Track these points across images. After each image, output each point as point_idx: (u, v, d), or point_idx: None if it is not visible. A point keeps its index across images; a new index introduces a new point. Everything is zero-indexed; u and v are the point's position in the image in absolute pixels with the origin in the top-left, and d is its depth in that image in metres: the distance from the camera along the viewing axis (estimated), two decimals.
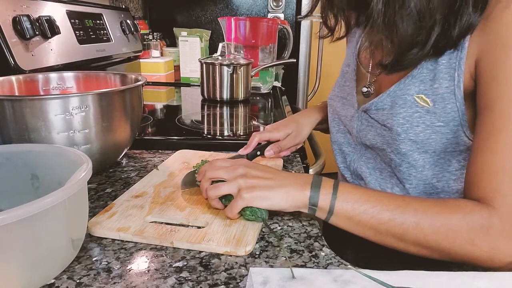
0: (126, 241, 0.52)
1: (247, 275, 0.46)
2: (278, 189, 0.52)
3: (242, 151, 0.72)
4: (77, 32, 1.18)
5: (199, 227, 0.54)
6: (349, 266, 0.48)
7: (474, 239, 0.46)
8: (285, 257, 0.48)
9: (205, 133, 1.01)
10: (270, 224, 0.56)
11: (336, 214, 0.51)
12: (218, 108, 1.29)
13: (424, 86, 0.56)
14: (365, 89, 0.66)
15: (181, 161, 0.77)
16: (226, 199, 0.57)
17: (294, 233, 0.55)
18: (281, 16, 1.95)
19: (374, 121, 0.62)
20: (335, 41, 0.73)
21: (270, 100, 1.46)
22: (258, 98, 1.47)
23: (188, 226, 0.55)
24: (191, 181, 0.65)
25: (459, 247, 0.47)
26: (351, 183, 0.62)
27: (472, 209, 0.47)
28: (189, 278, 0.45)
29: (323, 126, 0.82)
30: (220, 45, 1.37)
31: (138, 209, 0.57)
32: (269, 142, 0.75)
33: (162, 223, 0.55)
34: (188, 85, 1.66)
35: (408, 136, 0.57)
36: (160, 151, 0.88)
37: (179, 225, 0.55)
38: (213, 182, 0.57)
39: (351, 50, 0.72)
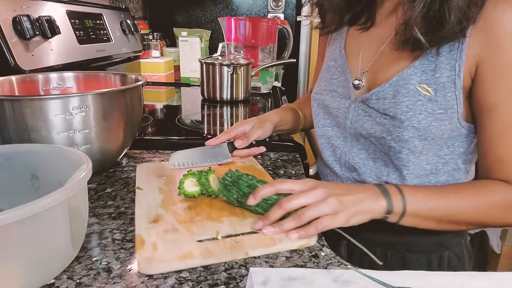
0: (126, 241, 0.52)
1: (247, 275, 0.46)
2: (361, 203, 0.54)
3: (211, 142, 0.73)
4: (77, 32, 1.18)
5: (251, 233, 0.53)
6: (349, 266, 0.48)
7: (510, 213, 0.57)
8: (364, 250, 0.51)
9: (205, 133, 1.01)
10: None
11: (407, 216, 0.56)
12: (218, 108, 1.29)
13: (425, 76, 0.58)
14: (356, 82, 0.68)
15: (152, 174, 0.72)
16: (262, 208, 0.56)
17: None
18: (281, 16, 1.95)
19: (373, 111, 0.64)
20: (325, 35, 0.78)
21: (270, 100, 1.46)
22: (258, 98, 1.47)
23: (237, 235, 0.53)
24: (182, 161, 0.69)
25: (501, 221, 0.58)
26: (406, 184, 0.64)
27: (506, 189, 0.57)
28: (189, 278, 0.45)
29: (281, 128, 0.84)
30: (220, 45, 1.37)
31: (174, 232, 0.52)
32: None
33: (214, 238, 0.52)
34: (188, 85, 1.66)
35: (412, 124, 0.59)
36: (160, 151, 0.88)
37: (229, 236, 0.53)
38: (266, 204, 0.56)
39: (337, 46, 0.74)
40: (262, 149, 0.75)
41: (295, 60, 1.56)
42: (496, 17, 0.53)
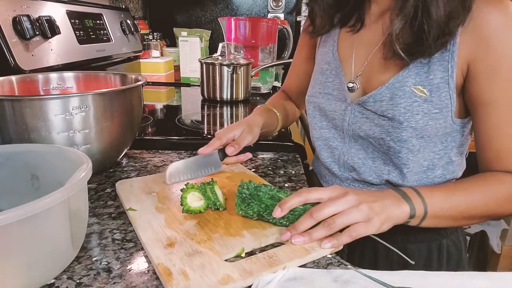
0: (126, 241, 0.52)
1: None
2: (388, 209, 0.53)
3: (203, 150, 0.69)
4: (77, 32, 1.18)
5: (278, 244, 0.52)
6: (349, 266, 0.48)
7: None
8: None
9: (205, 133, 1.01)
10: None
11: (428, 218, 0.56)
12: (218, 108, 1.29)
13: (420, 78, 0.60)
14: (351, 85, 0.69)
15: (140, 192, 0.65)
16: (288, 219, 0.54)
17: None
18: (281, 16, 1.95)
19: (371, 113, 0.65)
20: (315, 36, 0.77)
21: None
22: (258, 98, 1.47)
23: (265, 249, 0.51)
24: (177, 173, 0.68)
25: (509, 211, 0.61)
26: (424, 186, 0.64)
27: (510, 180, 0.59)
28: None
29: (264, 131, 0.80)
30: (220, 45, 1.37)
31: (199, 255, 0.48)
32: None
33: (240, 256, 0.49)
34: (188, 85, 1.66)
35: (410, 124, 0.61)
36: (160, 151, 0.88)
37: (255, 250, 0.51)
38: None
39: (329, 49, 0.74)
40: (249, 155, 0.73)
41: None
42: (484, 18, 0.55)
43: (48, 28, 1.00)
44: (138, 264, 0.48)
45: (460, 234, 0.74)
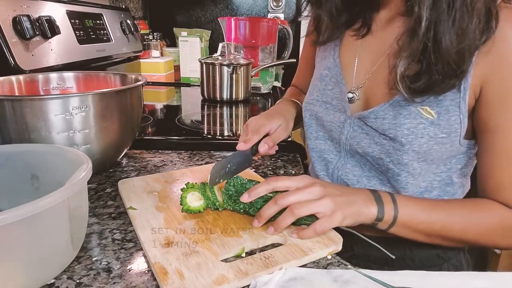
0: (126, 241, 0.52)
1: None
2: (354, 205, 0.53)
3: (243, 147, 0.64)
4: (77, 32, 1.18)
5: (276, 244, 0.52)
6: (349, 266, 0.48)
7: (506, 236, 0.56)
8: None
9: (205, 133, 1.01)
10: None
11: (397, 225, 0.55)
12: (218, 108, 1.29)
13: (428, 98, 0.55)
14: (350, 95, 0.65)
15: (141, 191, 0.65)
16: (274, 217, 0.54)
17: None
18: (281, 16, 1.95)
19: (371, 129, 0.61)
20: (321, 44, 0.71)
21: (270, 100, 1.46)
22: (258, 98, 1.47)
23: (263, 249, 0.51)
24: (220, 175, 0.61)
25: (493, 242, 0.58)
26: (404, 195, 0.61)
27: (506, 214, 0.56)
28: None
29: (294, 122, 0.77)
30: (220, 45, 1.37)
31: (196, 255, 0.48)
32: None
33: (240, 256, 0.49)
34: (188, 85, 1.66)
35: (412, 147, 0.57)
36: (160, 151, 0.88)
37: (256, 251, 0.51)
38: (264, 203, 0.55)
39: (330, 53, 0.69)
40: (276, 147, 0.70)
41: (295, 60, 1.56)
42: (505, 35, 0.50)
43: (48, 28, 1.00)
44: (138, 264, 0.48)
45: (462, 257, 0.70)
